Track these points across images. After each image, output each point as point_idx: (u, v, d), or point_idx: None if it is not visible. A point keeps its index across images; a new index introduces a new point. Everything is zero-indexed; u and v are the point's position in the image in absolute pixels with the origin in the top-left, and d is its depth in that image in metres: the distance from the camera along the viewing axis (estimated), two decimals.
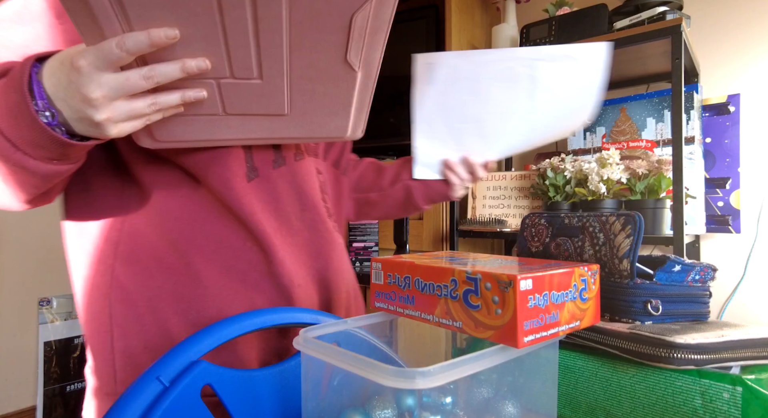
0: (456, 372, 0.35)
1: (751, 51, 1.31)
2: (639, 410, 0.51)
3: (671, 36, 1.05)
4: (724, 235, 1.34)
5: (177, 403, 0.41)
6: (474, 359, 0.37)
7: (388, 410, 0.42)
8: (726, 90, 1.34)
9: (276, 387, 0.51)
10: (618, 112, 1.34)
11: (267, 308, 0.57)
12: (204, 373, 0.44)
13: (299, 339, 0.43)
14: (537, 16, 1.70)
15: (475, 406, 0.45)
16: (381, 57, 0.53)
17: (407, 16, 1.72)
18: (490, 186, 1.44)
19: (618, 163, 1.16)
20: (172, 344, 0.49)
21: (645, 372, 0.51)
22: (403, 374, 0.34)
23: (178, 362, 0.43)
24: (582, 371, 0.56)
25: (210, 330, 0.48)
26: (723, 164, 1.33)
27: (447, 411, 0.45)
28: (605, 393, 0.54)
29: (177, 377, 0.42)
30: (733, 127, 1.32)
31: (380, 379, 0.34)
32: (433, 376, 0.34)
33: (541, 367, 0.46)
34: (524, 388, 0.46)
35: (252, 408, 0.48)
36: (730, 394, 0.45)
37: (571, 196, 1.24)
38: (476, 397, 0.46)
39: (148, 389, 0.40)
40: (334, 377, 0.45)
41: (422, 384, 0.33)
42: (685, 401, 0.48)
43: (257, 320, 0.52)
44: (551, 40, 1.27)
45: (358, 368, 0.36)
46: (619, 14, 1.20)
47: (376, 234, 1.40)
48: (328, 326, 0.47)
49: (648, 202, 1.11)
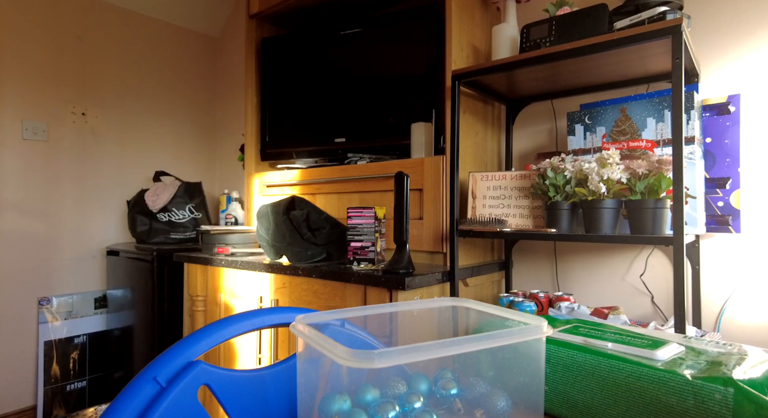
0: (413, 355, 0.36)
1: (751, 51, 1.31)
2: (633, 409, 0.51)
3: (671, 36, 1.05)
4: (724, 235, 1.34)
5: (174, 404, 0.41)
6: (439, 345, 0.38)
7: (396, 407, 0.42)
8: (726, 90, 1.34)
9: (274, 387, 0.51)
10: (618, 112, 1.33)
11: (266, 308, 0.57)
12: (201, 373, 0.44)
13: (294, 322, 0.44)
14: (537, 15, 1.70)
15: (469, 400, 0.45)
16: None
17: (407, 16, 1.72)
18: (490, 186, 1.44)
19: (618, 163, 1.16)
20: None
21: (639, 372, 0.51)
22: (361, 355, 0.35)
23: (175, 363, 0.43)
24: (579, 370, 0.56)
25: (208, 330, 0.48)
26: (723, 164, 1.33)
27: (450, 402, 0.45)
28: (602, 392, 0.53)
29: (174, 378, 0.42)
30: (733, 127, 1.31)
31: (337, 358, 0.36)
32: (389, 357, 0.35)
33: (527, 360, 0.46)
34: (509, 382, 0.46)
35: (251, 408, 0.48)
36: (722, 395, 0.45)
37: (571, 196, 1.24)
38: (472, 391, 0.46)
39: (144, 389, 0.40)
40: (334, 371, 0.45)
41: (379, 364, 0.34)
42: (678, 401, 0.48)
43: (255, 320, 0.52)
44: (551, 40, 1.26)
45: (325, 349, 0.37)
46: (619, 14, 1.20)
47: (373, 234, 1.40)
48: (327, 314, 0.47)
49: (648, 202, 1.11)
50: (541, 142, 1.70)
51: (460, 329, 0.62)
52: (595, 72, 1.35)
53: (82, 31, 2.53)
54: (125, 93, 2.71)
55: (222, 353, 1.74)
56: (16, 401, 2.30)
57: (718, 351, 0.54)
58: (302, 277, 1.48)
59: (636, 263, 1.48)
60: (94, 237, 2.56)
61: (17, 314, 2.31)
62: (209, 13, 3.02)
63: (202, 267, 1.84)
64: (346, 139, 1.86)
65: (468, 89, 1.52)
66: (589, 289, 1.57)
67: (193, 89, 3.04)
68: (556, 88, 1.54)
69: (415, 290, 1.29)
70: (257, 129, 2.16)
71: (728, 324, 1.33)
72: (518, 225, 1.38)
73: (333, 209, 1.80)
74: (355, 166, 1.73)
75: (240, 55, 3.00)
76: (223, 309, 1.76)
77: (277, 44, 2.08)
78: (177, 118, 2.95)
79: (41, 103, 2.38)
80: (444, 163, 1.47)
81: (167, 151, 2.90)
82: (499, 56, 1.42)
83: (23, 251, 2.32)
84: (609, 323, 0.69)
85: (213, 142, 3.16)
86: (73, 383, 2.43)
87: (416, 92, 1.69)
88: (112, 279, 2.52)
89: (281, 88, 2.08)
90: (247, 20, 2.16)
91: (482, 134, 1.64)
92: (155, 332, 2.14)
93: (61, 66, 2.45)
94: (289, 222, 1.55)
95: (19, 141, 2.31)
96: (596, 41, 1.15)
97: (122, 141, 2.69)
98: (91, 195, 2.54)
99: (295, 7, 2.02)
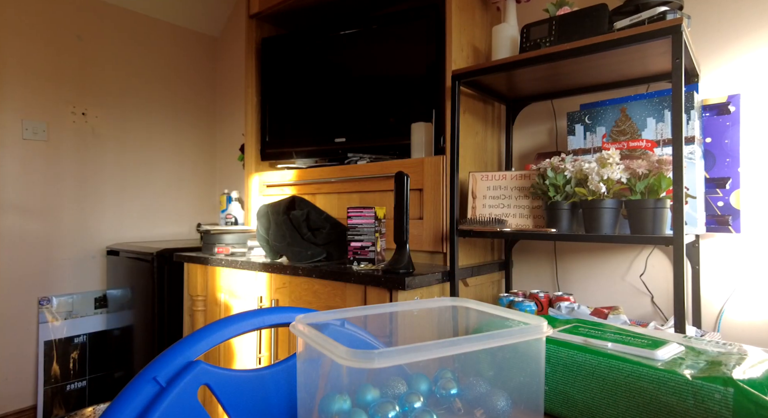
0: (413, 355, 0.36)
1: (751, 51, 1.31)
2: (633, 409, 0.51)
3: (671, 36, 1.05)
4: (724, 235, 1.34)
5: (174, 404, 0.41)
6: (439, 345, 0.38)
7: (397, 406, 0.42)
8: (726, 90, 1.34)
9: (274, 387, 0.51)
10: (618, 112, 1.33)
11: (266, 308, 0.57)
12: (201, 373, 0.44)
13: (295, 322, 0.44)
14: (537, 15, 1.70)
15: (469, 399, 0.45)
16: None
17: (407, 16, 1.72)
18: (490, 186, 1.44)
19: (618, 163, 1.16)
20: None
21: (639, 372, 0.51)
22: (361, 354, 0.35)
23: (175, 362, 0.43)
24: (579, 369, 0.56)
25: (208, 330, 0.48)
26: (723, 164, 1.33)
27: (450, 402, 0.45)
28: (601, 392, 0.53)
29: (174, 378, 0.42)
30: (733, 127, 1.31)
31: (337, 358, 0.36)
32: (389, 357, 0.35)
33: (527, 360, 0.46)
34: (509, 382, 0.46)
35: (251, 408, 0.48)
36: (722, 395, 0.45)
37: (571, 196, 1.24)
38: (472, 391, 0.46)
39: (144, 389, 0.40)
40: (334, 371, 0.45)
41: (379, 364, 0.34)
42: (678, 401, 0.48)
43: (255, 320, 0.52)
44: (551, 40, 1.26)
45: (325, 349, 0.37)
46: (619, 14, 1.20)
47: (373, 234, 1.40)
48: (327, 314, 0.47)
49: (648, 202, 1.11)
50: (541, 142, 1.70)
51: (460, 329, 0.62)
52: (595, 72, 1.35)
53: (82, 31, 2.53)
54: (125, 93, 2.71)
55: (222, 353, 1.74)
56: (16, 400, 2.30)
57: (718, 351, 0.54)
58: (302, 277, 1.48)
59: (636, 263, 1.48)
60: (93, 237, 2.56)
61: (17, 313, 2.31)
62: (209, 13, 3.02)
63: (202, 267, 1.84)
64: (346, 139, 1.86)
65: (468, 89, 1.52)
66: (589, 289, 1.57)
67: (193, 89, 3.04)
68: (556, 88, 1.54)
69: (415, 290, 1.29)
70: (257, 129, 2.16)
71: (728, 324, 1.33)
72: (518, 225, 1.38)
73: (333, 209, 1.80)
74: (355, 166, 1.73)
75: (240, 55, 3.00)
76: (223, 309, 1.76)
77: (277, 44, 2.08)
78: (177, 118, 2.95)
79: (41, 103, 2.38)
80: (444, 163, 1.47)
81: (167, 152, 2.90)
82: (499, 56, 1.42)
83: (23, 251, 2.32)
84: (609, 323, 0.69)
85: (213, 142, 3.16)
86: (73, 383, 2.43)
87: (416, 92, 1.69)
88: (112, 279, 2.52)
89: (281, 88, 2.08)
90: (247, 20, 2.16)
91: (482, 134, 1.64)
92: (155, 332, 2.14)
93: (61, 66, 2.45)
94: (289, 222, 1.55)
95: (19, 141, 2.31)
96: (596, 41, 1.15)
97: (122, 141, 2.69)
98: (91, 195, 2.54)
99: (295, 7, 2.02)
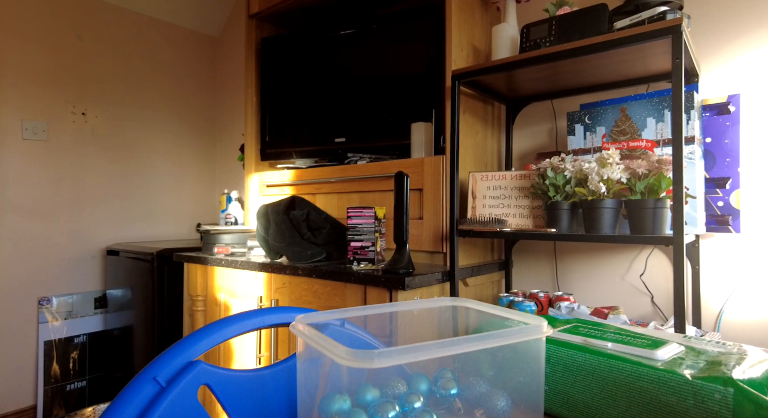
0: (413, 355, 0.36)
1: (751, 51, 1.31)
2: (633, 409, 0.51)
3: (671, 36, 1.05)
4: (724, 235, 1.34)
5: (174, 404, 0.41)
6: (439, 345, 0.38)
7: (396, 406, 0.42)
8: (726, 90, 1.34)
9: (274, 387, 0.51)
10: (618, 112, 1.33)
11: (266, 308, 0.57)
12: (201, 373, 0.44)
13: (295, 322, 0.44)
14: (537, 15, 1.70)
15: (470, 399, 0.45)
16: None
17: (407, 15, 1.72)
18: (490, 186, 1.44)
19: (618, 163, 1.16)
20: None
21: (639, 372, 0.51)
22: (361, 354, 0.35)
23: (175, 362, 0.43)
24: (579, 369, 0.56)
25: (208, 330, 0.48)
26: (723, 164, 1.33)
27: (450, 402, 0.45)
28: (601, 392, 0.53)
29: (174, 378, 0.42)
30: (733, 127, 1.31)
31: (337, 358, 0.36)
32: (389, 357, 0.35)
33: (527, 360, 0.46)
34: (509, 382, 0.46)
35: (251, 408, 0.48)
36: (722, 395, 0.45)
37: (571, 196, 1.24)
38: (472, 391, 0.46)
39: (144, 389, 0.40)
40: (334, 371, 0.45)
41: (379, 363, 0.34)
42: (678, 401, 0.48)
43: (255, 320, 0.52)
44: (551, 39, 1.26)
45: (325, 349, 0.37)
46: (619, 14, 1.20)
47: (373, 234, 1.40)
48: (327, 314, 0.47)
49: (648, 202, 1.11)
50: (541, 142, 1.70)
51: (460, 329, 0.62)
52: (595, 72, 1.35)
53: (82, 31, 2.53)
54: (125, 93, 2.71)
55: (222, 353, 1.74)
56: (16, 400, 2.30)
57: (717, 351, 0.54)
58: (302, 277, 1.48)
59: (636, 262, 1.48)
60: (93, 237, 2.56)
61: (17, 313, 2.31)
62: (209, 13, 3.02)
63: (202, 267, 1.84)
64: (346, 139, 1.86)
65: (468, 89, 1.52)
66: (589, 289, 1.57)
67: (193, 89, 3.04)
68: (556, 88, 1.53)
69: (415, 289, 1.29)
70: (257, 129, 2.16)
71: (728, 324, 1.33)
72: (518, 225, 1.38)
73: (333, 209, 1.80)
74: (355, 166, 1.73)
75: (240, 55, 2.99)
76: (223, 309, 1.76)
77: (277, 44, 2.08)
78: (177, 118, 2.95)
79: (41, 103, 2.38)
80: (444, 163, 1.47)
81: (167, 151, 2.90)
82: (499, 56, 1.42)
83: (23, 251, 2.32)
84: (609, 323, 0.69)
85: (213, 142, 3.16)
86: (73, 383, 2.43)
87: (416, 92, 1.69)
88: (112, 279, 2.52)
89: (281, 88, 2.08)
90: (247, 20, 2.16)
91: (482, 134, 1.64)
92: (155, 332, 2.14)
93: (61, 66, 2.45)
94: (289, 222, 1.55)
95: (19, 141, 2.31)
96: (596, 41, 1.15)
97: (122, 141, 2.69)
98: (91, 195, 2.54)
99: (295, 7, 2.02)
